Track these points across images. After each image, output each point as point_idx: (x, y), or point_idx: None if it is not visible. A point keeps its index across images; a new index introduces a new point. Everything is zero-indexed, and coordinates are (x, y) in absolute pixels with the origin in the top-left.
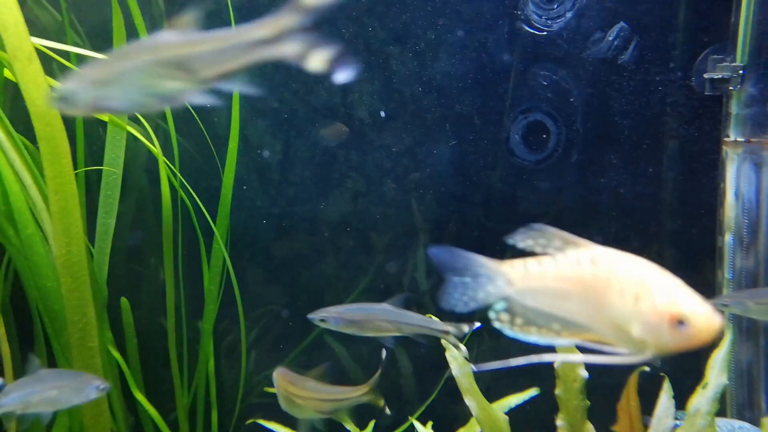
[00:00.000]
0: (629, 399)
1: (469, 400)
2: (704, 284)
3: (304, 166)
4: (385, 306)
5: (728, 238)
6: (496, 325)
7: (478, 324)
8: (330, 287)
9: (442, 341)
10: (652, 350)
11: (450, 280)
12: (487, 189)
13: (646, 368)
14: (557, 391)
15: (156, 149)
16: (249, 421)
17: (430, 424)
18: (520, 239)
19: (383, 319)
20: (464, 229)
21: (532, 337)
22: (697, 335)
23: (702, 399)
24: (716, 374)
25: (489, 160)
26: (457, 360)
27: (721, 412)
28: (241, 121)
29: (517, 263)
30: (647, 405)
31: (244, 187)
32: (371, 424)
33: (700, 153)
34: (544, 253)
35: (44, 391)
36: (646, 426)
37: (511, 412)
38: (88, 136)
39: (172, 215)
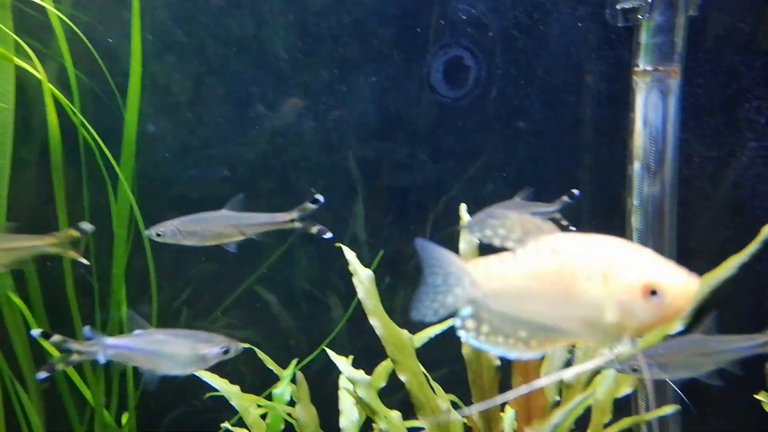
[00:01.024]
0: None
1: (373, 320)
2: (617, 212)
3: (217, 104)
4: (224, 212)
5: (636, 166)
6: (461, 334)
7: (329, 234)
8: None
9: (350, 267)
10: (628, 333)
11: (421, 283)
12: (409, 126)
13: None
14: None
15: (41, 75)
16: None
17: (351, 357)
18: (478, 229)
19: (224, 224)
20: (388, 169)
21: (499, 349)
22: (673, 304)
23: None
24: None
25: (409, 97)
26: (363, 284)
27: None
28: (145, 57)
29: (481, 262)
30: None
31: (153, 127)
32: (293, 363)
33: (615, 85)
34: (503, 247)
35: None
36: None
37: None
38: None
39: (62, 150)
